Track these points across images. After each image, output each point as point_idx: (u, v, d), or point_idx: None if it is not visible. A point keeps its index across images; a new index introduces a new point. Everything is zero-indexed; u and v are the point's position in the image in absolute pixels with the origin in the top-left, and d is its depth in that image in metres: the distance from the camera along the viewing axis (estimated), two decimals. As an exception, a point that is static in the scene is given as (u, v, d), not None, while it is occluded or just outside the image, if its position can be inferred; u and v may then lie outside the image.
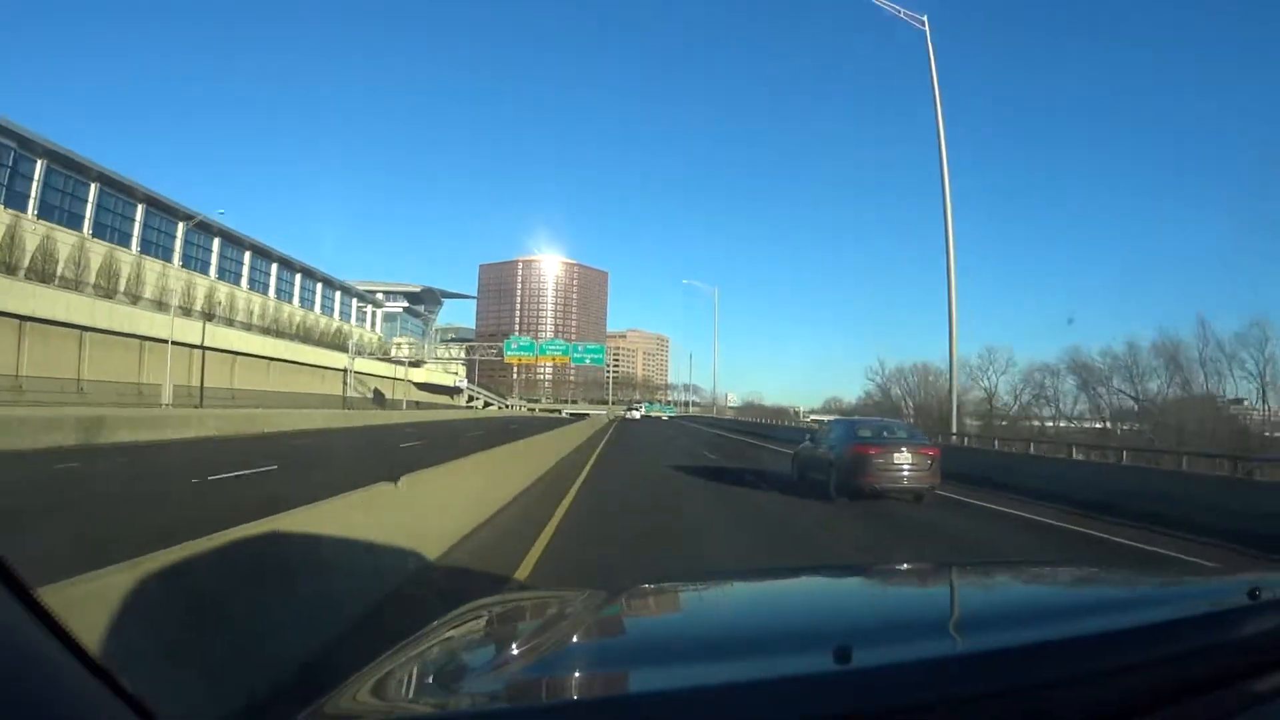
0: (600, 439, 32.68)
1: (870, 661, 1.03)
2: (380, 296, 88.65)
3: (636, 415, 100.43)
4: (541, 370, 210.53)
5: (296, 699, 1.25)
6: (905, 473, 11.75)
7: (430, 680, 1.30)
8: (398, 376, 78.87)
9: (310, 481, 11.93)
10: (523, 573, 6.32)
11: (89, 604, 2.24)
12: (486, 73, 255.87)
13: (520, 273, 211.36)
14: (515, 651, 1.39)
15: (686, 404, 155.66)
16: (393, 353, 68.73)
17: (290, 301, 67.19)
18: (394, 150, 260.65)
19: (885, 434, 12.65)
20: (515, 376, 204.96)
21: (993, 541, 9.41)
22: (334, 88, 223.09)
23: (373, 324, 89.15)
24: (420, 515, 6.39)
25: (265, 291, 62.35)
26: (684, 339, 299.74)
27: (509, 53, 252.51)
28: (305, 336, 62.73)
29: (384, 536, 5.27)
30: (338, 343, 59.81)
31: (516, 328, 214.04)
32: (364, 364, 66.41)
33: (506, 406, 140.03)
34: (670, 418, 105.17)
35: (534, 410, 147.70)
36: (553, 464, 16.71)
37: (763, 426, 49.11)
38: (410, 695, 1.23)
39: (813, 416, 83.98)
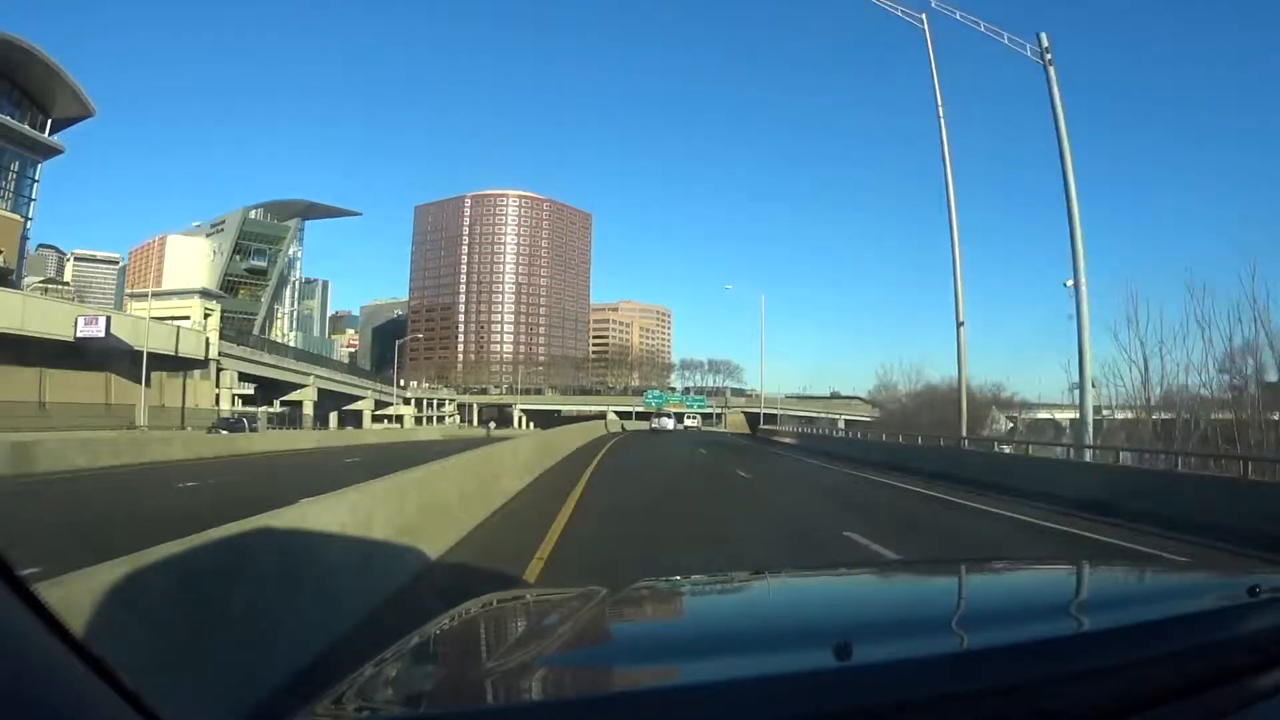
0: None
1: (870, 658, 1.02)
2: None
3: (670, 425, 58.30)
4: (496, 342, 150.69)
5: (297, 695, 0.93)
6: None
7: (430, 678, 1.31)
8: None
9: None
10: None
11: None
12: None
13: (469, 212, 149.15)
14: (515, 649, 1.38)
15: (723, 391, 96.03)
16: None
17: None
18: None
19: None
20: (462, 359, 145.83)
21: None
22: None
23: None
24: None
25: None
26: (686, 313, 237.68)
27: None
28: None
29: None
30: None
31: (463, 283, 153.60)
32: None
33: (407, 402, 79.11)
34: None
35: (455, 420, 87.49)
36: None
37: None
38: (410, 693, 1.23)
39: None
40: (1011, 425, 61.56)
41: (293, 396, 54.56)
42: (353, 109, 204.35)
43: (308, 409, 53.93)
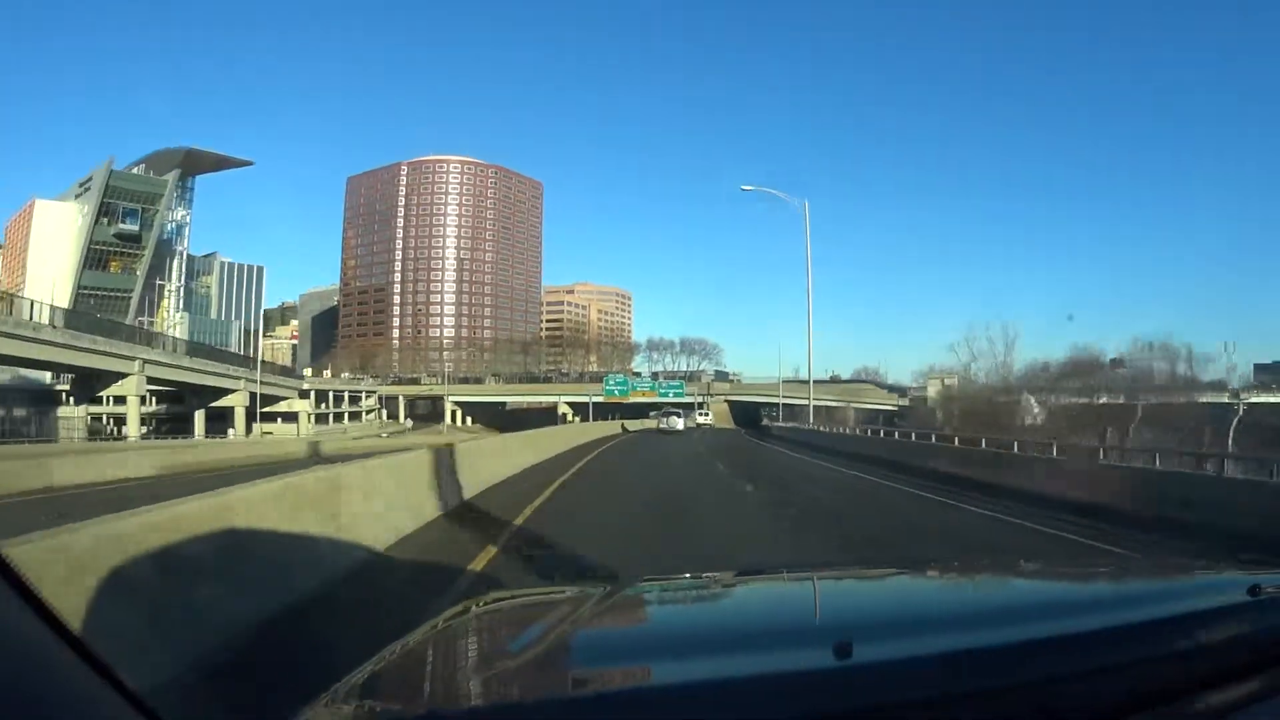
0: None
1: (870, 657, 1.02)
2: None
3: (679, 425, 48.81)
4: (435, 326, 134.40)
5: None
6: None
7: (429, 678, 1.31)
8: None
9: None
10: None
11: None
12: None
13: (405, 181, 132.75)
14: (513, 648, 1.38)
15: (700, 375, 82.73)
16: None
17: None
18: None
19: None
20: (398, 343, 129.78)
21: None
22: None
23: None
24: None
25: None
26: (650, 301, 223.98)
27: None
28: None
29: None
30: None
31: (399, 261, 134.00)
32: None
33: (304, 396, 64.29)
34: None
35: (378, 416, 73.33)
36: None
37: None
38: (409, 693, 1.23)
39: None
40: (1041, 410, 50.10)
41: (115, 390, 39.50)
42: (279, 71, 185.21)
43: (132, 408, 38.81)
